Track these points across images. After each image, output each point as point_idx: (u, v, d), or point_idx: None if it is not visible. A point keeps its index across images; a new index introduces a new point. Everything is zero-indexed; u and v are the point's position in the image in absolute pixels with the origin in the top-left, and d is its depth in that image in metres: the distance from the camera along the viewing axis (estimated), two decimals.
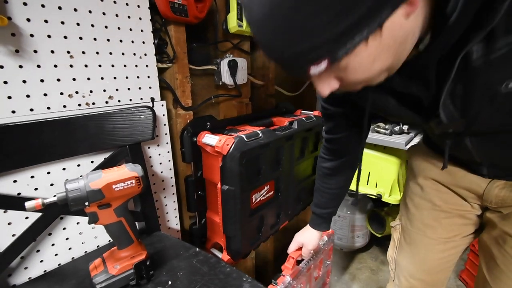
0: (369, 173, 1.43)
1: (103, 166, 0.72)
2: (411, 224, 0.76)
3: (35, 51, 0.60)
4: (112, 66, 0.73)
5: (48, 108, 0.64)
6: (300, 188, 1.14)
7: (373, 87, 0.43)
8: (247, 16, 0.34)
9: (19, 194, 0.62)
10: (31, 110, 0.62)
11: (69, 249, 0.72)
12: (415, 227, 0.75)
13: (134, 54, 0.77)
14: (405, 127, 1.38)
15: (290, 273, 0.83)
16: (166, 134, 0.88)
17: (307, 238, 0.85)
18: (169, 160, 0.90)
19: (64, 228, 0.70)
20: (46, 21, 0.61)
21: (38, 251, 0.67)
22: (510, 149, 0.52)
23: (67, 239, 0.71)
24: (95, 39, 0.69)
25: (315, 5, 0.29)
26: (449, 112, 0.46)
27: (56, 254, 0.69)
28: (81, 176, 0.56)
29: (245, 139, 0.79)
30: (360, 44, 0.31)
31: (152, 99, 0.83)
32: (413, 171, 0.76)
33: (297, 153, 1.04)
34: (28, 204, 0.51)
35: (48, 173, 0.66)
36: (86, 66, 0.68)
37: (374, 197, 1.35)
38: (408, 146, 1.16)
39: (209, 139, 0.84)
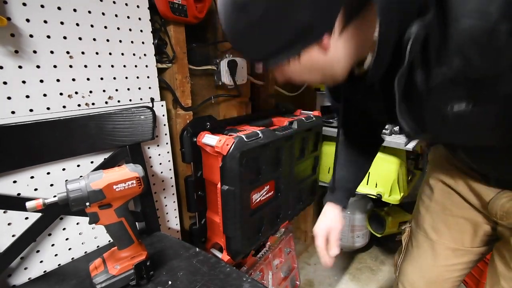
0: (369, 173, 1.43)
1: (103, 166, 0.72)
2: (419, 226, 0.74)
3: (35, 52, 0.60)
4: (112, 66, 0.73)
5: (48, 108, 0.64)
6: (300, 188, 1.14)
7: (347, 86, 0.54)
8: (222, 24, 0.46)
9: (19, 194, 0.62)
10: (31, 110, 0.62)
11: (69, 249, 0.72)
12: (422, 229, 0.74)
13: (134, 54, 0.77)
14: None
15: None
16: (166, 134, 0.88)
17: (332, 221, 0.72)
18: (169, 160, 0.90)
19: (64, 229, 0.70)
20: (45, 22, 0.61)
21: (38, 251, 0.67)
22: (502, 163, 0.52)
23: (67, 239, 0.71)
24: (94, 39, 0.69)
25: (257, 33, 0.41)
26: (409, 126, 0.47)
27: (56, 255, 0.69)
28: (81, 176, 0.56)
29: (245, 139, 0.79)
30: (284, 62, 0.44)
31: (152, 99, 0.83)
32: (428, 172, 0.75)
33: (297, 153, 1.05)
34: (29, 204, 0.50)
35: (48, 173, 0.66)
36: (85, 66, 0.68)
37: (374, 197, 1.35)
38: (409, 146, 1.16)
39: (209, 139, 0.84)
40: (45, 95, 0.63)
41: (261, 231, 0.95)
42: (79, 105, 0.69)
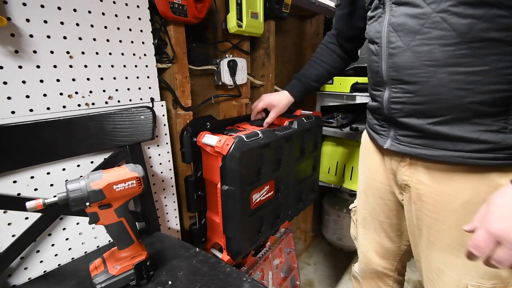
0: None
1: (103, 166, 0.72)
2: (361, 207, 0.87)
3: (35, 52, 0.60)
4: (112, 66, 0.73)
5: (48, 108, 0.64)
6: (300, 188, 1.14)
7: None
8: None
9: (19, 194, 0.62)
10: (31, 110, 0.62)
11: (69, 249, 0.72)
12: (362, 208, 0.86)
13: (134, 54, 0.77)
14: None
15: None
16: (166, 134, 0.88)
17: (277, 99, 0.91)
18: (169, 160, 0.90)
19: (64, 229, 0.70)
20: (45, 22, 0.61)
21: (38, 251, 0.67)
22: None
23: (67, 239, 0.71)
24: (94, 39, 0.69)
25: None
26: None
27: (56, 255, 0.69)
28: (81, 176, 0.56)
29: (245, 139, 0.79)
30: None
31: (152, 99, 0.83)
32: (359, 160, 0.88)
33: (297, 153, 1.05)
34: (29, 204, 0.50)
35: (48, 173, 0.66)
36: (85, 66, 0.68)
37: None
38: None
39: (209, 139, 0.84)
40: (45, 95, 0.63)
41: (261, 231, 0.95)
42: (79, 105, 0.69)
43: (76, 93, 0.68)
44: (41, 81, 0.62)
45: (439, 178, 0.59)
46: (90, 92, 0.70)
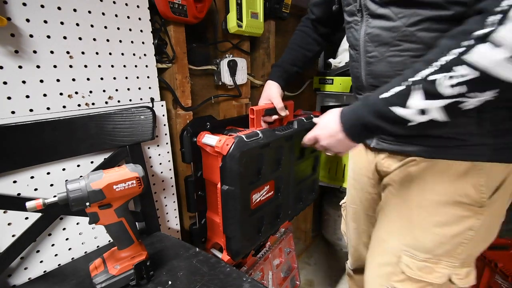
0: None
1: (103, 166, 0.72)
2: (350, 202, 0.92)
3: (35, 52, 0.60)
4: (112, 66, 0.73)
5: (48, 108, 0.64)
6: (300, 188, 1.14)
7: None
8: None
9: (19, 194, 0.62)
10: (31, 110, 0.62)
11: (69, 249, 0.72)
12: (351, 202, 0.91)
13: (134, 54, 0.77)
14: None
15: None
16: (166, 134, 0.88)
17: (271, 91, 0.91)
18: (169, 161, 0.90)
19: (64, 229, 0.70)
20: (45, 22, 0.61)
21: (38, 251, 0.67)
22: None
23: (67, 239, 0.71)
24: (94, 39, 0.69)
25: None
26: None
27: (56, 255, 0.69)
28: (81, 176, 0.56)
29: (245, 139, 0.79)
30: None
31: (152, 99, 0.83)
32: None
33: (297, 153, 1.05)
34: (29, 204, 0.50)
35: (48, 173, 0.66)
36: (85, 66, 0.68)
37: None
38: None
39: (209, 139, 0.84)
40: (45, 95, 0.63)
41: (261, 231, 0.95)
42: (79, 105, 0.69)
43: (76, 93, 0.68)
44: (41, 81, 0.62)
45: (413, 166, 0.65)
46: (90, 92, 0.70)
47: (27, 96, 0.61)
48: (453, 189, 0.58)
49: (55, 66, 0.64)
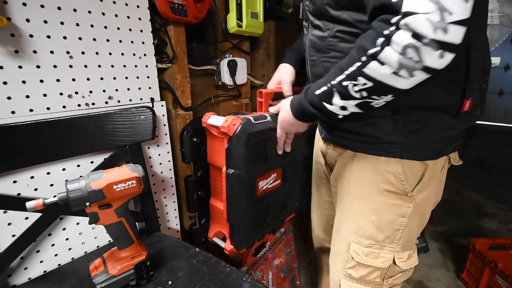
0: None
1: (103, 166, 0.72)
2: (313, 188, 1.01)
3: (35, 52, 0.60)
4: (112, 66, 0.73)
5: (48, 108, 0.64)
6: (307, 179, 1.10)
7: None
8: None
9: (19, 194, 0.62)
10: (31, 110, 0.62)
11: (69, 249, 0.72)
12: (315, 191, 0.99)
13: (134, 54, 0.77)
14: None
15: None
16: (166, 134, 0.88)
17: (283, 72, 0.90)
18: (169, 161, 0.90)
19: (64, 229, 0.70)
20: (45, 22, 0.61)
21: (38, 251, 0.67)
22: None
23: (67, 239, 0.71)
24: (94, 39, 0.69)
25: None
26: None
27: (56, 255, 0.69)
28: (81, 176, 0.56)
29: (253, 121, 0.75)
30: None
31: (152, 99, 0.83)
32: None
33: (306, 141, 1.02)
34: (29, 204, 0.51)
35: (48, 173, 0.66)
36: (85, 66, 0.68)
37: None
38: None
39: (214, 119, 0.80)
40: (45, 95, 0.63)
41: (266, 222, 0.90)
42: (79, 105, 0.69)
43: (76, 93, 0.68)
44: (41, 81, 0.62)
45: (349, 158, 0.72)
46: (90, 92, 0.70)
47: (27, 96, 0.61)
48: (380, 178, 0.66)
49: (55, 66, 0.64)
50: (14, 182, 0.61)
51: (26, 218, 0.63)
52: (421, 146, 0.62)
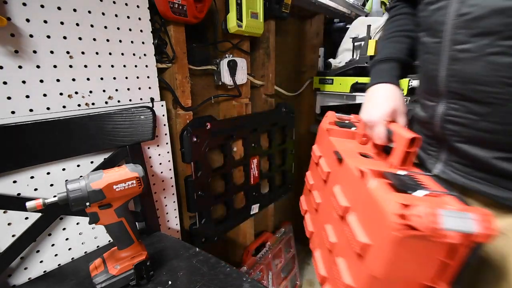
0: None
1: (103, 166, 0.72)
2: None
3: (35, 52, 0.60)
4: (112, 66, 0.73)
5: (48, 108, 0.64)
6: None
7: None
8: None
9: (19, 194, 0.62)
10: (31, 110, 0.62)
11: (69, 249, 0.72)
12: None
13: (134, 54, 0.77)
14: None
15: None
16: (166, 134, 0.88)
17: (396, 100, 0.54)
18: (169, 160, 0.90)
19: (64, 229, 0.70)
20: (45, 22, 0.61)
21: (38, 251, 0.67)
22: None
23: (67, 239, 0.71)
24: (94, 39, 0.69)
25: None
26: None
27: (56, 255, 0.69)
28: (81, 176, 0.56)
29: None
30: None
31: (152, 99, 0.83)
32: None
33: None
34: (29, 204, 0.51)
35: (48, 173, 0.66)
36: (85, 66, 0.68)
37: None
38: None
39: (452, 220, 0.35)
40: (45, 95, 0.63)
41: None
42: (79, 105, 0.69)
43: (76, 93, 0.68)
44: (41, 81, 0.62)
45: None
46: (90, 92, 0.70)
47: (27, 96, 0.61)
48: None
49: (55, 66, 0.64)
50: (14, 182, 0.61)
51: (26, 218, 0.63)
52: None
